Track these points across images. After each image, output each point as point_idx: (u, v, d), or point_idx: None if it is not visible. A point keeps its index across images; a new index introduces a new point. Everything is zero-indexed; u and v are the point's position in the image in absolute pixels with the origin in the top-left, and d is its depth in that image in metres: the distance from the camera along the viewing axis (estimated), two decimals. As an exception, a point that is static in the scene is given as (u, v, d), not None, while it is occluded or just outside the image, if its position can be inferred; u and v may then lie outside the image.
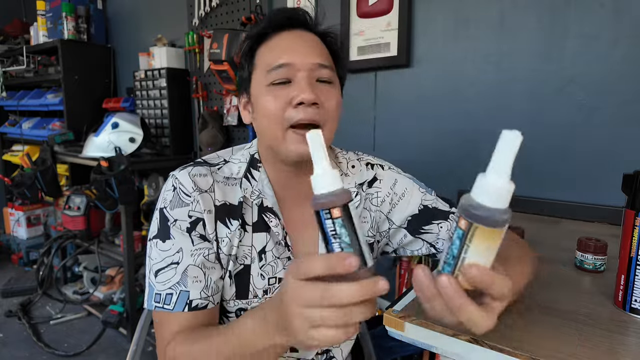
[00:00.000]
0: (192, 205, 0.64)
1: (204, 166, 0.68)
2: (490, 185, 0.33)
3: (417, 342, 0.59)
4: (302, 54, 0.63)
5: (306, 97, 0.60)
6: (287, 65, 0.63)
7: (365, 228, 0.76)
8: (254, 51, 0.68)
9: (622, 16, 1.08)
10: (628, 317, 0.60)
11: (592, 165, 1.16)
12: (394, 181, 0.77)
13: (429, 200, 0.76)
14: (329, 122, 0.65)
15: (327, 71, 0.65)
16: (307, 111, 0.61)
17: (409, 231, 0.76)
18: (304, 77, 0.62)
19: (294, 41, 0.65)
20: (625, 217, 0.60)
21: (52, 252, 2.29)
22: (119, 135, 1.99)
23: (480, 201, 0.33)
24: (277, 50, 0.64)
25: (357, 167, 0.77)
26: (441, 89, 1.41)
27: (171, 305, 0.61)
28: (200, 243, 0.64)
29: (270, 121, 0.63)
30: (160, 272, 0.62)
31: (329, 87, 0.65)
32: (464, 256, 0.36)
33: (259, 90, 0.65)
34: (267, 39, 0.67)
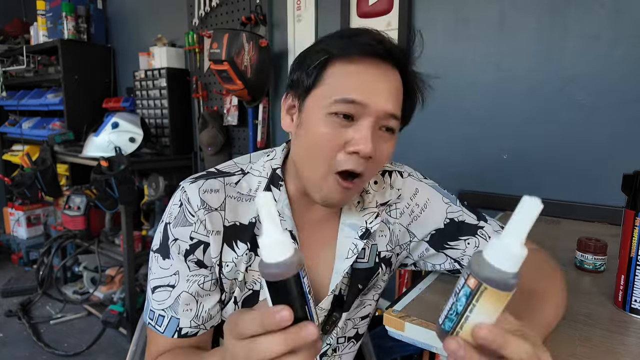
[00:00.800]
0: (195, 226, 0.60)
1: (218, 178, 0.63)
2: (505, 249, 0.34)
3: (417, 342, 0.59)
4: (379, 97, 0.56)
5: (364, 149, 0.55)
6: (359, 104, 0.55)
7: (383, 242, 0.71)
8: (328, 63, 0.58)
9: (622, 16, 1.09)
10: (628, 317, 0.60)
11: (592, 165, 1.16)
12: (415, 190, 0.72)
13: (455, 212, 0.70)
14: (372, 172, 0.60)
15: (395, 122, 0.59)
16: (359, 163, 0.56)
17: (432, 245, 0.71)
18: (369, 125, 0.56)
19: (375, 79, 0.57)
20: (625, 217, 0.60)
21: (52, 252, 2.29)
22: (119, 135, 1.99)
23: (493, 263, 0.34)
24: (353, 81, 0.56)
25: (380, 182, 0.71)
26: (441, 88, 1.41)
27: (162, 329, 0.60)
28: (196, 270, 0.61)
29: (317, 159, 0.58)
30: (157, 289, 0.61)
31: (388, 137, 0.60)
32: (468, 315, 0.35)
33: (316, 113, 0.57)
34: (349, 60, 0.57)
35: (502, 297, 0.34)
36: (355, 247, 0.66)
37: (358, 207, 0.68)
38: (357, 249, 0.66)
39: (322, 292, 0.67)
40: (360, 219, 0.67)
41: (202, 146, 2.05)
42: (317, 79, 0.58)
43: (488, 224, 0.70)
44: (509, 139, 1.29)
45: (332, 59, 0.58)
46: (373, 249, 0.70)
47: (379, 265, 0.71)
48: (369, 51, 0.57)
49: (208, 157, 2.06)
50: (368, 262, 0.69)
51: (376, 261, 0.70)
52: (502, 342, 0.35)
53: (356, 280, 0.68)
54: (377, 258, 0.70)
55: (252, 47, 1.69)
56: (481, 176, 1.36)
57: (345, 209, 0.69)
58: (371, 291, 0.73)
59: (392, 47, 0.59)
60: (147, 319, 0.62)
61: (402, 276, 1.40)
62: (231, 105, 1.98)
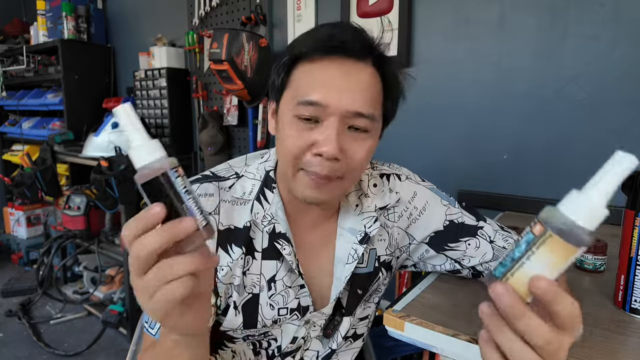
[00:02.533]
0: None
1: (212, 182, 0.62)
2: (586, 201, 0.31)
3: (417, 342, 0.59)
4: (341, 95, 0.54)
5: (327, 150, 0.53)
6: (318, 105, 0.54)
7: (382, 247, 0.70)
8: (293, 65, 0.58)
9: (622, 16, 1.08)
10: (628, 317, 0.60)
11: (592, 165, 1.15)
12: (413, 194, 0.71)
13: (454, 214, 0.70)
14: (349, 174, 0.57)
15: (364, 121, 0.55)
16: (323, 165, 0.54)
17: (432, 247, 0.71)
18: (333, 125, 0.54)
19: (336, 75, 0.54)
20: (625, 217, 0.60)
21: (52, 251, 2.29)
22: (119, 135, 1.99)
23: (567, 213, 0.31)
24: (314, 82, 0.55)
25: (379, 186, 0.69)
26: (441, 88, 1.41)
27: (154, 331, 0.60)
28: None
29: (286, 157, 0.57)
30: None
31: (361, 136, 0.57)
32: (524, 262, 0.33)
33: (285, 116, 0.57)
34: (311, 59, 0.56)
35: (566, 251, 0.31)
36: (355, 252, 0.65)
37: (357, 211, 0.67)
38: (357, 254, 0.65)
39: (321, 297, 0.67)
40: (359, 223, 0.66)
41: (202, 146, 2.05)
42: (284, 81, 0.59)
43: (487, 224, 0.71)
44: (509, 139, 1.29)
45: (297, 60, 0.57)
46: (372, 254, 0.69)
47: (378, 269, 0.70)
48: (324, 47, 0.55)
49: (208, 157, 2.06)
50: (367, 267, 0.69)
51: (375, 266, 0.69)
52: (555, 297, 0.32)
53: (356, 286, 0.68)
54: (376, 263, 0.70)
55: (252, 47, 1.69)
56: (481, 176, 1.36)
57: (343, 212, 0.68)
58: (373, 296, 0.73)
59: (350, 38, 0.55)
60: (144, 321, 0.62)
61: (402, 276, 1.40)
62: (231, 105, 1.98)
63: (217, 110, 2.07)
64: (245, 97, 1.83)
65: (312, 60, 0.56)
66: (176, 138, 2.19)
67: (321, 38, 0.55)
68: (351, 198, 0.68)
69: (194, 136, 2.27)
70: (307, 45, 0.56)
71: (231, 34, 1.65)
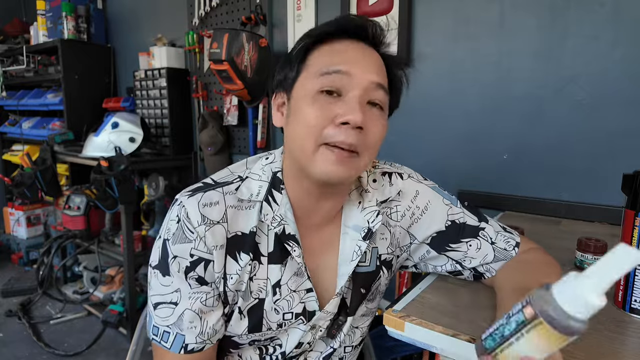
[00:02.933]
0: (195, 242, 0.58)
1: (215, 190, 0.61)
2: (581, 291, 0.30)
3: (417, 342, 0.59)
4: (364, 67, 0.57)
5: (353, 118, 0.54)
6: (344, 73, 0.56)
7: (383, 245, 0.70)
8: (309, 51, 0.60)
9: (622, 16, 1.08)
10: (628, 317, 0.60)
11: (592, 165, 1.16)
12: (415, 193, 0.71)
13: (456, 214, 0.70)
14: (368, 150, 0.58)
15: (382, 94, 0.59)
16: (349, 134, 0.55)
17: (433, 247, 0.70)
18: (356, 96, 0.56)
19: (357, 52, 0.59)
20: (625, 217, 0.60)
21: (52, 251, 2.29)
22: (119, 135, 1.99)
23: (560, 301, 0.31)
24: (337, 55, 0.58)
25: (378, 181, 0.70)
26: (441, 88, 1.41)
27: (168, 345, 0.60)
28: (197, 287, 0.59)
29: (305, 133, 0.56)
30: (159, 306, 0.60)
31: (378, 112, 0.59)
32: (512, 342, 0.33)
33: (303, 96, 0.58)
34: (326, 43, 0.60)
35: (556, 339, 0.31)
36: (359, 248, 0.65)
37: (359, 207, 0.67)
38: (360, 250, 0.65)
39: (327, 296, 0.67)
40: (362, 219, 0.66)
41: (202, 146, 2.05)
42: (300, 66, 0.60)
43: (489, 225, 0.70)
44: (509, 139, 1.29)
45: (312, 45, 0.60)
46: (374, 252, 0.69)
47: (380, 268, 0.70)
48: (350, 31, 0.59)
49: (208, 157, 2.06)
50: (369, 265, 0.69)
51: (377, 264, 0.70)
52: None
53: (359, 284, 0.68)
54: (377, 261, 0.70)
55: (252, 47, 1.69)
56: (481, 176, 1.36)
57: (347, 211, 0.68)
58: (376, 298, 0.73)
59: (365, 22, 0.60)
60: (152, 334, 0.61)
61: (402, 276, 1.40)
62: (231, 105, 1.98)
63: (217, 110, 2.07)
64: (245, 97, 1.83)
65: (330, 42, 0.60)
66: (176, 138, 2.19)
67: (341, 22, 0.60)
68: (353, 196, 0.68)
69: (194, 136, 2.27)
70: (328, 29, 0.60)
71: (231, 34, 1.65)
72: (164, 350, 0.61)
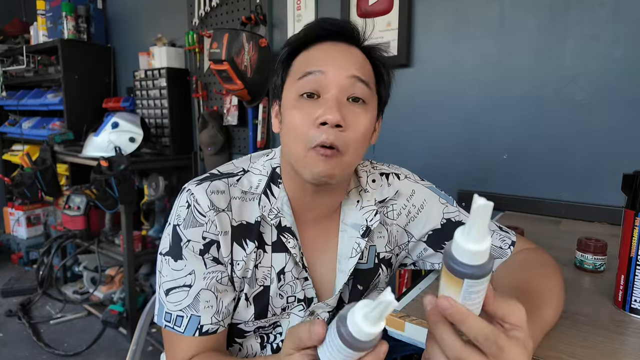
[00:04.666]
0: (206, 226, 0.60)
1: (221, 180, 0.64)
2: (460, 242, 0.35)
3: (417, 342, 0.59)
4: (338, 64, 0.58)
5: (331, 117, 0.55)
6: (318, 72, 0.58)
7: (381, 244, 0.72)
8: (292, 59, 0.63)
9: (622, 16, 1.09)
10: (628, 317, 0.60)
11: (592, 165, 1.16)
12: (411, 192, 0.73)
13: (452, 212, 0.71)
14: (351, 147, 0.59)
15: (362, 87, 0.59)
16: (329, 133, 0.56)
17: (430, 245, 0.72)
18: (333, 94, 0.57)
19: (331, 51, 0.60)
20: (625, 217, 0.60)
21: (52, 251, 2.29)
22: (119, 135, 1.99)
23: (452, 249, 0.36)
24: (313, 58, 0.60)
25: (377, 181, 0.72)
26: (441, 88, 1.41)
27: (182, 329, 0.60)
28: (214, 266, 0.61)
29: (294, 138, 0.59)
30: (172, 291, 0.61)
31: (361, 108, 0.60)
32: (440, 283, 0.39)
33: (288, 102, 0.61)
34: (307, 48, 0.62)
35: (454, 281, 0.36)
36: (359, 245, 0.68)
37: (358, 206, 0.70)
38: (359, 247, 0.67)
39: (325, 291, 0.69)
40: (361, 217, 0.69)
41: (202, 146, 2.05)
42: (285, 73, 0.63)
43: None
44: (509, 139, 1.29)
45: (294, 52, 0.63)
46: (372, 250, 0.71)
47: (378, 266, 0.72)
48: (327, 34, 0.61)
49: (208, 157, 2.06)
50: (367, 263, 0.71)
51: (375, 262, 0.72)
52: (459, 319, 0.36)
53: (357, 281, 0.70)
54: (376, 259, 0.72)
55: (252, 47, 1.69)
56: (481, 176, 1.36)
57: (345, 209, 0.70)
58: (374, 292, 0.74)
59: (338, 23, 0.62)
60: (164, 321, 0.62)
61: (402, 276, 1.40)
62: (231, 105, 1.98)
63: (217, 110, 2.07)
64: (245, 97, 1.83)
65: (309, 47, 0.62)
66: (176, 138, 2.19)
67: (313, 27, 0.62)
68: (352, 195, 0.70)
69: (194, 136, 2.27)
70: (302, 36, 0.62)
71: (231, 34, 1.65)
72: (177, 335, 0.61)
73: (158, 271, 0.63)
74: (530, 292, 0.55)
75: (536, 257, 0.66)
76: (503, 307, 0.38)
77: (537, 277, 0.59)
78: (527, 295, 0.54)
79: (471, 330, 0.37)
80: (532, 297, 0.54)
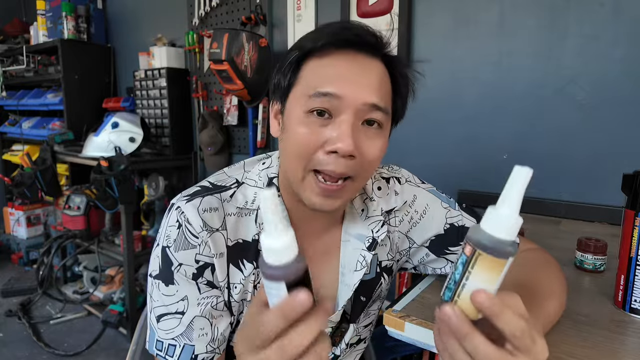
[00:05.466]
0: (199, 248, 0.55)
1: (214, 195, 0.59)
2: (499, 216, 0.34)
3: (417, 342, 0.59)
4: (356, 86, 0.52)
5: (343, 147, 0.50)
6: (334, 96, 0.51)
7: (383, 252, 0.69)
8: (302, 61, 0.56)
9: (622, 16, 1.08)
10: (628, 317, 0.60)
11: (592, 165, 1.16)
12: (413, 197, 0.69)
13: (454, 217, 0.69)
14: (362, 174, 0.55)
15: (380, 114, 0.54)
16: (338, 163, 0.51)
17: (432, 251, 0.70)
18: (348, 119, 0.51)
19: (350, 67, 0.53)
20: (625, 217, 0.60)
21: (52, 251, 2.29)
22: (119, 135, 1.99)
23: (488, 230, 0.34)
24: (327, 73, 0.53)
25: (383, 189, 0.68)
26: (441, 88, 1.41)
27: (174, 359, 0.56)
28: (208, 291, 0.57)
29: (295, 156, 0.54)
30: (163, 318, 0.57)
31: (375, 132, 0.55)
32: (465, 282, 0.35)
33: (294, 113, 0.54)
34: (321, 53, 0.54)
35: (497, 265, 0.34)
36: (364, 259, 0.64)
37: (362, 216, 0.66)
38: (365, 261, 0.63)
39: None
40: (366, 228, 0.65)
41: (202, 146, 2.05)
42: (293, 78, 0.56)
43: None
44: (509, 139, 1.29)
45: (306, 55, 0.55)
46: (374, 259, 0.68)
47: (380, 275, 0.69)
48: (338, 40, 0.53)
49: (208, 157, 2.06)
50: (370, 273, 0.68)
51: (377, 271, 0.69)
52: (497, 311, 0.34)
53: (359, 293, 0.67)
54: (378, 268, 0.69)
55: (252, 47, 1.69)
56: (481, 176, 1.36)
57: (349, 218, 0.66)
58: (376, 302, 0.72)
59: (363, 32, 0.54)
60: (155, 350, 0.57)
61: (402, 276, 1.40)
62: (231, 105, 1.98)
63: (217, 110, 2.07)
64: (245, 97, 1.83)
65: (324, 54, 0.54)
66: (176, 138, 2.19)
67: (334, 32, 0.54)
68: (356, 203, 0.66)
69: (194, 136, 2.27)
70: (320, 39, 0.54)
71: (231, 34, 1.65)
72: None
73: (149, 294, 0.59)
74: (533, 287, 0.55)
75: (539, 257, 0.66)
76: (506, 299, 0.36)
77: (540, 275, 0.59)
78: (530, 291, 0.54)
79: (509, 324, 0.34)
80: (535, 291, 0.54)
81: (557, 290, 0.57)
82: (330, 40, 0.53)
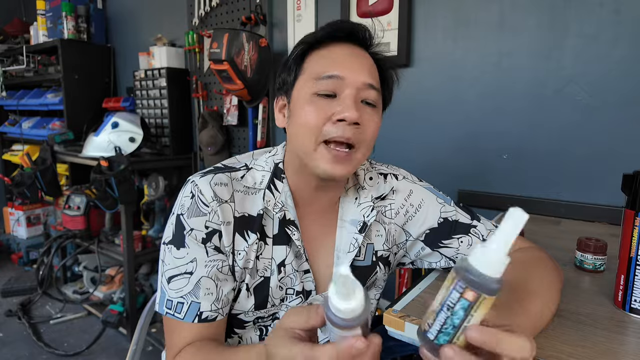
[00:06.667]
0: (209, 215, 0.63)
1: (225, 173, 0.67)
2: (495, 258, 0.36)
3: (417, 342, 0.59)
4: (355, 70, 0.62)
5: (349, 115, 0.59)
6: (337, 77, 0.61)
7: (379, 242, 0.74)
8: (305, 56, 0.66)
9: (622, 16, 1.08)
10: (628, 317, 0.60)
11: (592, 165, 1.16)
12: (409, 192, 0.75)
13: (449, 212, 0.73)
14: (363, 145, 0.63)
15: (375, 93, 0.63)
16: (346, 129, 0.60)
17: (427, 244, 0.74)
18: (351, 94, 0.61)
19: (348, 56, 0.64)
20: (625, 217, 0.60)
21: (52, 251, 2.29)
22: (119, 135, 1.99)
23: (487, 273, 0.35)
24: (330, 61, 0.63)
25: (374, 179, 0.75)
26: (441, 88, 1.41)
27: (182, 315, 0.62)
28: (215, 255, 0.63)
29: (306, 132, 0.62)
30: (173, 279, 0.63)
31: (372, 110, 0.64)
32: (466, 326, 0.36)
33: (302, 98, 0.63)
34: (321, 47, 0.65)
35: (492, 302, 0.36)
36: (356, 241, 0.70)
37: (355, 203, 0.72)
38: (357, 242, 0.70)
39: (323, 285, 0.71)
40: (359, 213, 0.72)
41: (202, 146, 2.05)
42: (298, 70, 0.66)
43: (481, 223, 0.73)
44: (509, 138, 1.29)
45: (308, 50, 0.65)
46: (369, 248, 0.73)
47: (376, 264, 0.74)
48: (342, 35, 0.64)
49: (208, 157, 2.06)
50: (365, 260, 0.73)
51: (373, 260, 0.74)
52: (494, 340, 0.36)
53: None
54: (373, 257, 0.74)
55: (252, 46, 1.69)
56: (481, 176, 1.36)
57: (344, 205, 0.73)
58: (372, 289, 0.76)
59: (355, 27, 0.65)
60: (164, 309, 0.63)
61: (402, 276, 1.40)
62: (231, 105, 1.98)
63: (217, 110, 2.07)
64: (245, 97, 1.83)
65: (324, 46, 0.65)
66: (176, 138, 2.19)
67: (333, 27, 0.65)
68: (350, 192, 0.73)
69: (194, 136, 2.27)
70: (321, 34, 0.65)
71: (231, 34, 1.65)
72: (176, 321, 0.62)
73: (161, 260, 0.65)
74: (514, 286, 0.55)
75: (535, 256, 0.67)
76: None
77: (524, 273, 0.60)
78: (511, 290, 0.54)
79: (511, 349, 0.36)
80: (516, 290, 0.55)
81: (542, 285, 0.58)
82: (329, 32, 0.64)
